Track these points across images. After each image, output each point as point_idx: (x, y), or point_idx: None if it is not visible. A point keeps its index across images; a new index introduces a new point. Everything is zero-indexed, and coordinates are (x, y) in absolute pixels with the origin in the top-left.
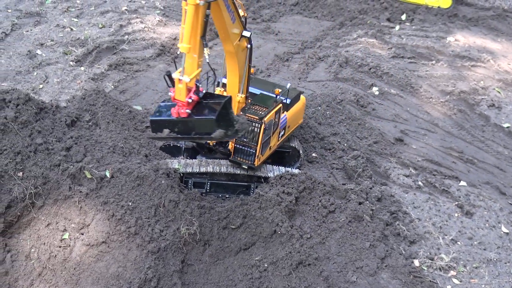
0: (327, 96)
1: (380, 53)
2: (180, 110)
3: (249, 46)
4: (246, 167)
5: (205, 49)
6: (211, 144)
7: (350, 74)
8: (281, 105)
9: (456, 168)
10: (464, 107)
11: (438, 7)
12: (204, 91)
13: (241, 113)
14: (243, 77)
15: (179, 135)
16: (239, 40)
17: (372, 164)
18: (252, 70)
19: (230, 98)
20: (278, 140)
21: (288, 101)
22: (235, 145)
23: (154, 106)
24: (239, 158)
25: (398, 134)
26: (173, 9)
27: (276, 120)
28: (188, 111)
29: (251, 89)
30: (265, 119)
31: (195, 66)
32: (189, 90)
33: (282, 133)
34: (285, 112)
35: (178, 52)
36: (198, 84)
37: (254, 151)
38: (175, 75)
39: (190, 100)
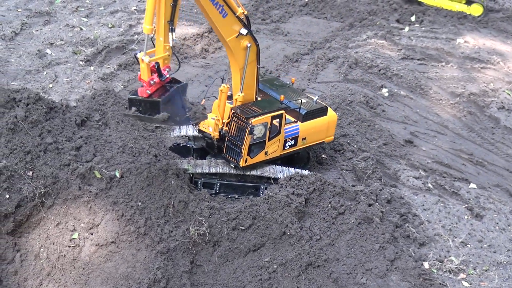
0: (336, 97)
1: (389, 55)
2: (143, 90)
3: (249, 45)
4: (233, 166)
5: (171, 33)
6: (214, 136)
7: (360, 75)
8: (282, 112)
9: (466, 170)
10: (474, 109)
11: (470, 14)
12: (168, 76)
13: (232, 111)
14: (244, 76)
15: (140, 115)
16: (236, 37)
17: (382, 166)
18: (293, 80)
19: (184, 85)
20: (283, 149)
21: (303, 111)
22: (227, 142)
23: None
24: (228, 156)
25: (408, 135)
26: (182, 9)
27: (273, 125)
28: (148, 91)
29: (274, 94)
30: (253, 120)
31: (160, 49)
32: (151, 72)
33: (290, 142)
34: (297, 122)
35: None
36: (168, 70)
37: (239, 151)
38: (139, 55)
39: (152, 82)
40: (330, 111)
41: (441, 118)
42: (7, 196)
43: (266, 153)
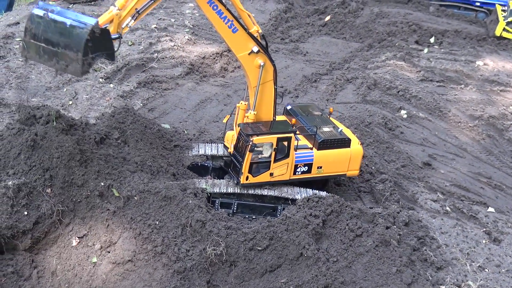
0: (355, 118)
1: (408, 76)
2: None
3: (262, 64)
4: (235, 182)
5: (132, 19)
6: (229, 151)
7: (379, 97)
8: (291, 135)
9: (484, 194)
10: (493, 132)
11: None
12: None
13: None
14: (256, 95)
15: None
16: (248, 54)
17: (400, 188)
18: (331, 109)
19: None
20: (294, 174)
21: (319, 139)
22: (232, 157)
23: (182, 124)
24: (232, 172)
25: (426, 158)
26: (202, 28)
27: (281, 146)
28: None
29: (302, 122)
30: (255, 138)
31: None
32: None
33: (303, 168)
34: (313, 149)
35: None
36: None
37: (240, 167)
38: None
39: None
40: (355, 144)
41: (459, 140)
42: (26, 213)
43: (271, 174)
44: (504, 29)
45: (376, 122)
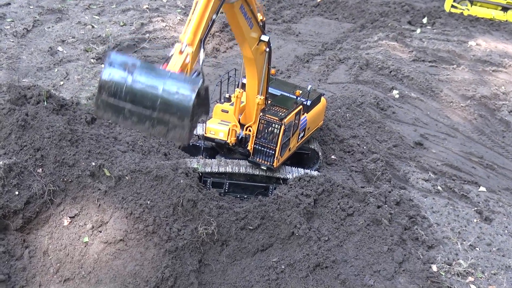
0: (347, 98)
1: (401, 56)
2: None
3: (267, 49)
4: (265, 168)
5: (202, 51)
6: (230, 142)
7: (371, 77)
8: (301, 106)
9: (476, 173)
10: (484, 112)
11: (506, 21)
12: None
13: (260, 114)
14: (262, 79)
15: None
16: (257, 45)
17: (392, 168)
18: (273, 71)
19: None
20: (297, 142)
21: (309, 102)
22: (255, 145)
23: None
24: (258, 159)
25: (418, 138)
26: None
27: (296, 121)
28: None
29: (272, 90)
30: (285, 120)
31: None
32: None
33: (301, 134)
34: (305, 113)
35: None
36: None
37: (273, 152)
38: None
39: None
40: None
41: (451, 120)
42: (17, 193)
43: (289, 149)
44: (452, 6)
45: (368, 102)
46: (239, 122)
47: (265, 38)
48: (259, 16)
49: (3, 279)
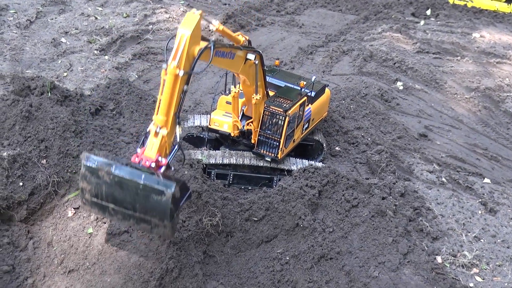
0: (351, 90)
1: (404, 48)
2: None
3: (256, 62)
4: (269, 160)
5: (178, 126)
6: (234, 135)
7: (375, 68)
8: (305, 97)
9: (480, 165)
10: (489, 103)
11: (510, 13)
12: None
13: (265, 105)
14: (256, 82)
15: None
16: (244, 63)
17: (396, 159)
18: (277, 62)
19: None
20: (302, 133)
21: (313, 94)
22: (259, 137)
23: None
24: (262, 151)
25: (422, 129)
26: (197, 0)
27: (300, 113)
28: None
29: (276, 81)
30: (290, 111)
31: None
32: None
33: (306, 126)
34: (309, 105)
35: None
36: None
37: (277, 144)
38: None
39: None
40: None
41: (456, 112)
42: (21, 184)
43: (294, 140)
44: None
45: (372, 94)
46: (243, 114)
47: (250, 56)
48: (240, 38)
49: (7, 270)
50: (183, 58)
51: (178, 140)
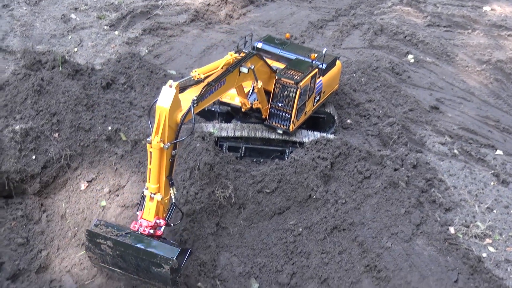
0: (362, 63)
1: (415, 21)
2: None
3: (252, 66)
4: (281, 132)
5: (171, 188)
6: (244, 109)
7: (385, 42)
8: (316, 70)
9: (492, 137)
10: (500, 76)
11: None
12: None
13: (276, 77)
14: (256, 78)
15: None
16: (239, 75)
17: (408, 132)
18: (287, 35)
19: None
20: (313, 106)
21: (324, 66)
22: (270, 109)
23: (188, 70)
24: (274, 123)
25: (434, 102)
26: None
27: (311, 85)
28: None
29: (287, 54)
30: (301, 83)
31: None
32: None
33: (317, 98)
34: (320, 77)
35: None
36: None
37: (289, 116)
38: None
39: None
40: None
41: (467, 85)
42: (34, 157)
43: (305, 113)
44: None
45: (383, 67)
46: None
47: (244, 70)
48: (230, 58)
49: (22, 243)
50: (166, 133)
51: (173, 201)
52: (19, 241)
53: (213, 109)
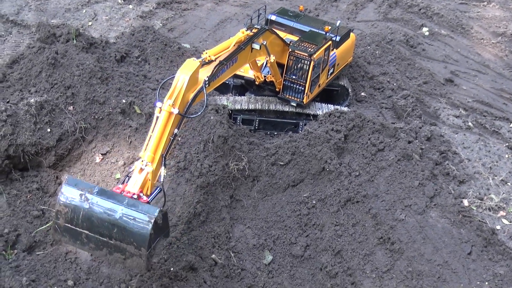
0: (376, 35)
1: None
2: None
3: (264, 42)
4: (294, 105)
5: (162, 167)
6: (258, 82)
7: (400, 15)
8: (330, 42)
9: (507, 109)
10: None
11: None
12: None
13: (289, 50)
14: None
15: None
16: (251, 52)
17: (422, 104)
18: (301, 7)
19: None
20: (327, 78)
21: (338, 38)
22: (284, 82)
23: (202, 44)
24: (287, 96)
25: (448, 74)
26: None
27: (325, 57)
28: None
29: (301, 26)
30: (314, 56)
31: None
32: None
33: (331, 71)
34: (334, 49)
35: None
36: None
37: (303, 89)
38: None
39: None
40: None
41: (482, 57)
42: (49, 130)
43: (319, 85)
44: None
45: (398, 40)
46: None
47: (256, 46)
48: (242, 35)
49: (37, 215)
50: (179, 98)
51: (161, 180)
52: (35, 213)
53: (227, 82)
